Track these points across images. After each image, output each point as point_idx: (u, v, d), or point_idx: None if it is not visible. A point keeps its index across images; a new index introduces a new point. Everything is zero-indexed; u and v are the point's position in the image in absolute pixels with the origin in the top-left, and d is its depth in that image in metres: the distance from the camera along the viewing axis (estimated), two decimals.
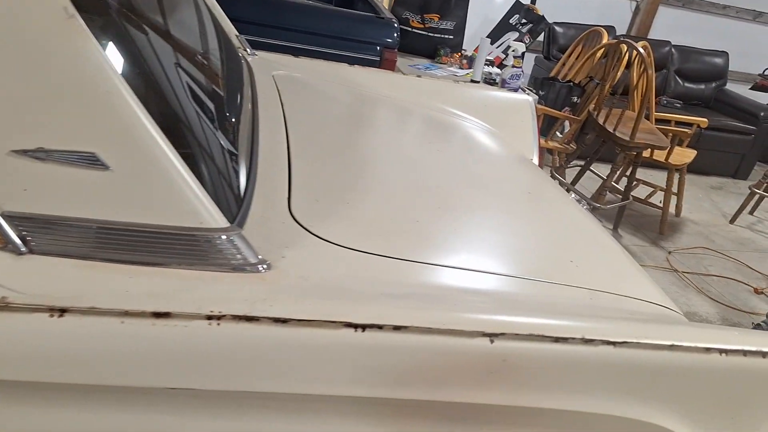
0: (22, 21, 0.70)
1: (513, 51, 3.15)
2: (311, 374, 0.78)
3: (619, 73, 3.28)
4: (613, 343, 0.82)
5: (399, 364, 0.80)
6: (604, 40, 3.61)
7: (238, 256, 0.82)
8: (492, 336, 0.79)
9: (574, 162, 3.93)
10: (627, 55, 3.26)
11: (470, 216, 1.17)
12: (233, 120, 1.17)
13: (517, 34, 4.34)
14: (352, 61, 2.36)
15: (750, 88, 5.32)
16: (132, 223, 0.76)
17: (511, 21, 4.42)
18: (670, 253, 3.37)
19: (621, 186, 3.73)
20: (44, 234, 0.74)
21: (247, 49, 1.87)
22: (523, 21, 4.44)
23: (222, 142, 1.01)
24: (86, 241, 0.75)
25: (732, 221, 4.05)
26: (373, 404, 0.81)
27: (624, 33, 5.69)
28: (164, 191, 0.77)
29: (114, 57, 0.77)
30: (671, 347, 0.83)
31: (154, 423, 0.76)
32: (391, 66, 3.12)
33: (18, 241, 0.73)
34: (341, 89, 1.84)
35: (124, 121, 0.74)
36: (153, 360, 0.73)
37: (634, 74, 3.39)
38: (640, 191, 4.15)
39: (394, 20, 3.04)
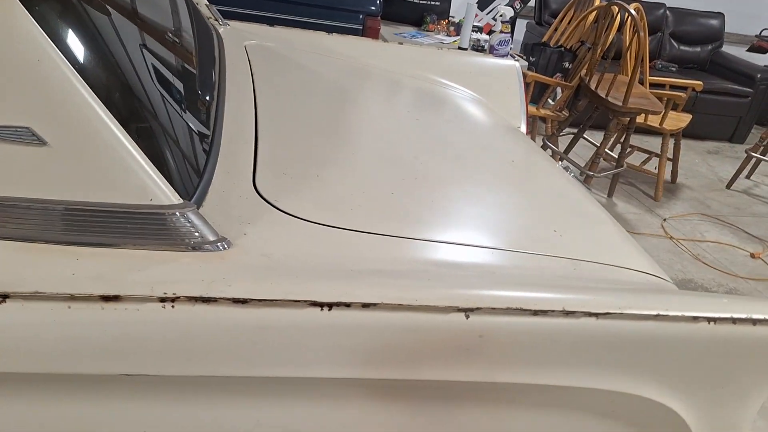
0: None
1: (501, 16, 3.07)
2: (275, 357, 0.73)
3: (610, 37, 3.19)
4: (596, 315, 0.77)
5: (369, 343, 0.75)
6: (596, 3, 3.51)
7: (195, 234, 0.77)
8: (467, 311, 0.75)
9: (567, 130, 3.86)
10: (618, 17, 3.17)
11: (449, 188, 1.12)
12: (195, 93, 1.11)
13: (507, 0, 4.23)
14: (333, 30, 2.28)
15: (747, 50, 5.23)
16: (76, 201, 0.71)
17: None
18: (665, 220, 3.32)
19: (615, 153, 3.67)
20: None
21: (219, 19, 1.79)
22: None
23: (179, 116, 0.95)
24: (26, 222, 0.70)
25: (728, 186, 4.00)
26: (344, 385, 0.77)
27: None
28: (108, 166, 0.72)
29: (47, 24, 0.70)
30: (656, 317, 0.79)
31: (111, 411, 0.72)
32: (374, 34, 3.03)
33: None
34: (317, 59, 1.77)
35: (58, 93, 0.68)
36: (104, 346, 0.68)
37: (626, 37, 3.31)
38: (635, 158, 4.09)
39: None
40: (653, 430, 0.86)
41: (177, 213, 0.75)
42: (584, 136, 3.57)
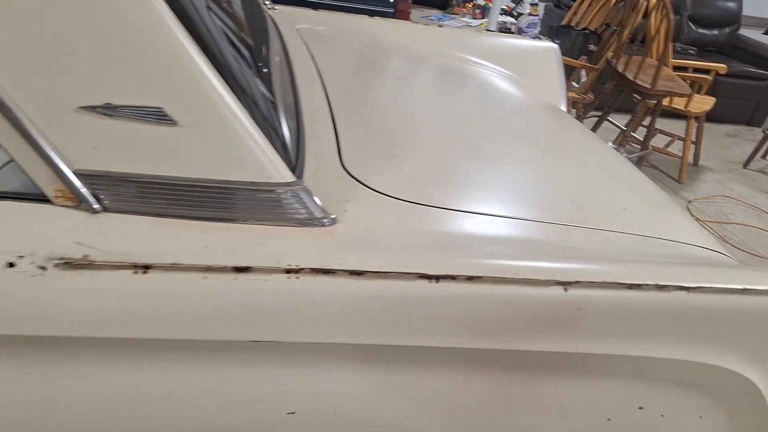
0: None
1: None
2: (386, 325, 0.78)
3: (638, 20, 3.20)
4: (687, 289, 0.81)
5: (472, 314, 0.80)
6: None
7: (303, 211, 0.81)
8: (566, 284, 0.79)
9: (591, 113, 3.88)
10: (645, 1, 3.18)
11: (519, 167, 1.16)
12: (276, 75, 1.14)
13: None
14: (365, 13, 2.30)
15: (764, 33, 5.21)
16: (202, 179, 0.75)
17: None
18: (690, 202, 3.35)
19: (639, 136, 3.69)
20: (117, 192, 0.73)
21: (267, 2, 1.82)
22: None
23: (272, 97, 0.99)
24: (159, 198, 0.74)
25: (745, 165, 4.02)
26: (446, 354, 0.82)
27: None
28: (232, 146, 0.75)
29: (174, 11, 0.74)
30: (743, 291, 0.83)
31: (239, 375, 0.77)
32: (405, 17, 3.05)
33: (92, 199, 0.72)
34: (366, 42, 1.80)
35: (188, 74, 0.72)
36: (236, 314, 0.73)
37: (652, 20, 3.32)
38: (657, 140, 4.11)
39: None
40: (730, 400, 0.91)
41: (291, 190, 0.79)
42: (608, 118, 3.59)
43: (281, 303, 0.74)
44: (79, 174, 0.71)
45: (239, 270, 0.72)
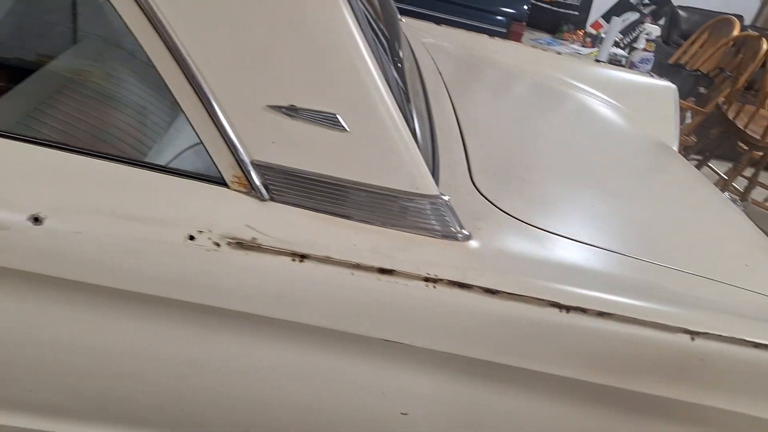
0: None
1: (646, 33, 3.03)
2: (509, 346, 0.81)
3: (755, 68, 3.09)
4: None
5: (595, 348, 0.82)
6: (736, 31, 3.40)
7: (443, 223, 0.85)
8: (694, 334, 0.80)
9: (692, 156, 3.76)
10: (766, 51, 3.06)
11: (640, 205, 1.17)
12: (416, 88, 1.20)
13: (637, 15, 4.15)
14: (479, 30, 2.34)
15: None
16: (359, 182, 0.81)
17: (632, 0, 4.22)
18: None
19: (738, 186, 3.55)
20: (284, 184, 0.79)
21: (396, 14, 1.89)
22: (646, 1, 4.24)
23: (420, 112, 1.04)
24: (319, 194, 0.80)
25: None
26: (563, 383, 0.84)
27: (750, 23, 5.34)
28: (391, 156, 0.81)
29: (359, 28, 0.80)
30: None
31: (365, 370, 0.82)
32: (517, 38, 3.07)
33: (262, 188, 0.79)
34: (489, 61, 1.84)
35: (364, 87, 0.78)
36: (374, 312, 0.78)
37: None
38: (757, 194, 3.94)
39: None
40: None
41: (435, 203, 0.84)
42: (708, 164, 3.48)
43: (416, 308, 0.78)
44: (255, 164, 0.78)
45: (383, 271, 0.77)
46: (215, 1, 0.73)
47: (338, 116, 0.78)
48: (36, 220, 0.70)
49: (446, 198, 0.86)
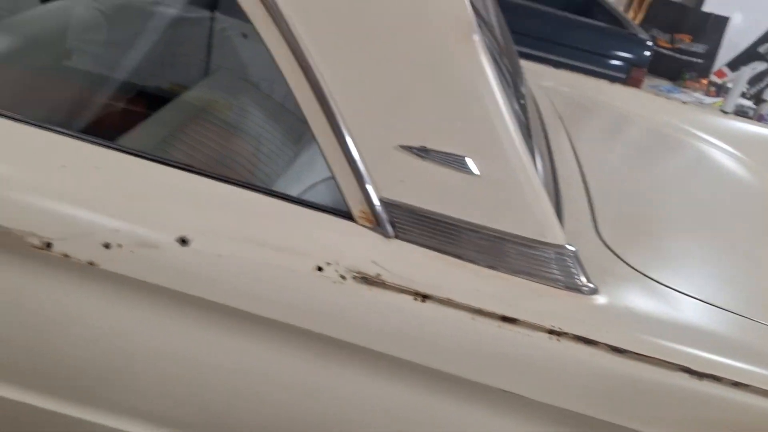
0: (428, 26, 0.76)
1: None
2: (631, 408, 0.77)
3: None
4: None
5: (726, 419, 0.76)
6: None
7: (569, 275, 0.83)
8: None
9: None
10: None
11: None
12: (539, 133, 1.18)
13: (765, 65, 3.90)
14: (597, 75, 2.28)
15: None
16: (486, 226, 0.80)
17: (760, 49, 3.99)
18: None
19: None
20: (410, 223, 0.80)
21: None
22: None
23: (547, 158, 1.03)
24: (444, 235, 0.80)
25: None
26: None
27: None
28: (519, 202, 0.80)
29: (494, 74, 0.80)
30: None
31: (482, 421, 0.81)
32: (636, 85, 2.98)
33: (388, 225, 0.80)
34: (611, 109, 1.79)
35: (498, 134, 0.78)
36: (492, 360, 0.76)
37: None
38: None
39: (648, 39, 2.90)
40: None
41: (561, 253, 0.82)
42: None
43: (537, 360, 0.76)
44: (383, 201, 0.79)
45: (506, 319, 0.76)
46: (358, 41, 0.76)
47: (468, 159, 0.78)
48: (183, 241, 0.75)
49: (573, 249, 0.83)
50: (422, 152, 0.78)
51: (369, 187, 0.79)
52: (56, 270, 0.79)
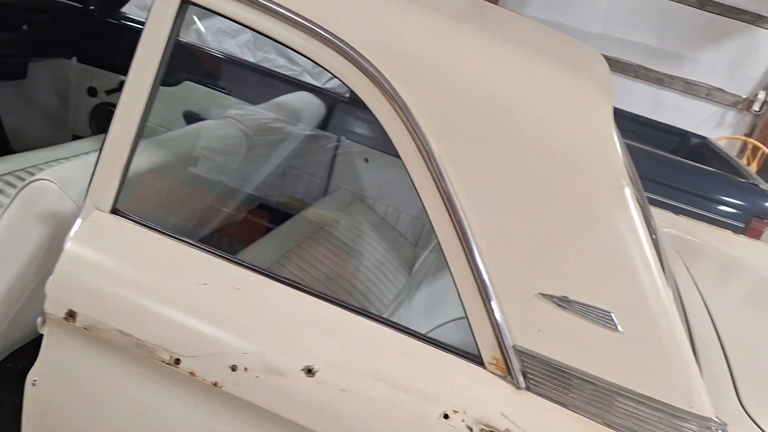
0: (580, 175, 0.76)
1: None
2: None
3: None
4: None
5: None
6: None
7: None
8: None
9: None
10: None
11: None
12: (673, 288, 1.12)
13: None
14: (715, 222, 2.18)
15: None
16: (627, 388, 0.74)
17: None
18: None
19: None
20: (544, 376, 0.76)
21: None
22: None
23: (682, 316, 0.96)
24: (581, 394, 0.75)
25: None
26: None
27: None
28: (667, 365, 0.74)
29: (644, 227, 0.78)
30: None
31: None
32: (757, 235, 2.81)
33: (520, 375, 0.76)
34: (738, 261, 1.69)
35: (647, 291, 0.74)
36: None
37: None
38: None
39: None
40: None
41: (710, 426, 0.74)
42: None
43: None
44: (517, 349, 0.76)
45: None
46: (507, 187, 0.76)
47: (613, 315, 0.74)
48: (309, 371, 0.74)
49: (723, 423, 0.75)
50: (564, 302, 0.75)
51: (504, 333, 0.76)
52: (179, 387, 0.79)
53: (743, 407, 0.90)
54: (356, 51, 0.77)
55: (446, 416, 0.72)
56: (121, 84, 2.06)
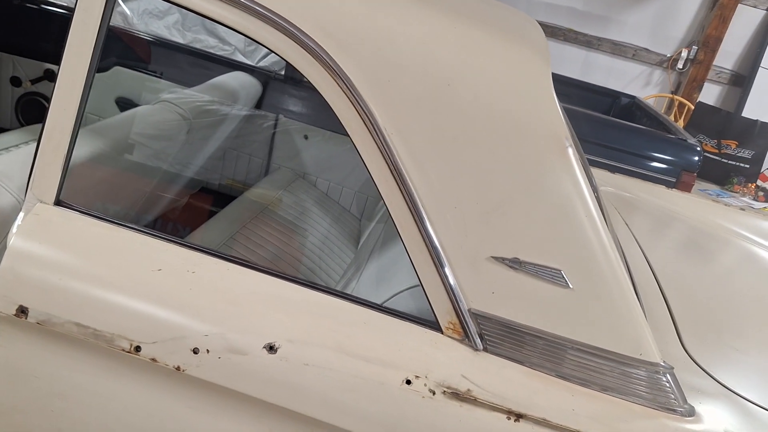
0: (524, 140, 0.77)
1: None
2: None
3: None
4: None
5: None
6: None
7: (665, 395, 0.78)
8: None
9: None
10: None
11: None
12: (617, 242, 1.17)
13: None
14: (645, 179, 2.28)
15: None
16: (580, 342, 0.77)
17: None
18: None
19: None
20: (500, 336, 0.78)
21: None
22: None
23: (628, 270, 1.01)
24: (536, 350, 0.78)
25: None
26: None
27: None
28: (615, 317, 0.77)
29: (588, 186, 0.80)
30: None
31: None
32: (686, 189, 2.95)
33: (477, 337, 0.78)
34: (672, 214, 1.77)
35: (593, 246, 0.77)
36: None
37: None
38: None
39: (698, 146, 2.91)
40: None
41: (658, 371, 0.78)
42: None
43: None
44: (472, 313, 0.78)
45: None
46: (453, 153, 0.77)
47: (563, 272, 0.77)
48: (271, 348, 0.74)
49: (670, 366, 0.79)
50: (515, 264, 0.77)
51: (459, 298, 0.78)
52: (141, 374, 0.78)
53: (686, 351, 0.95)
54: (294, 26, 0.75)
55: (408, 382, 0.74)
56: (47, 72, 1.97)
